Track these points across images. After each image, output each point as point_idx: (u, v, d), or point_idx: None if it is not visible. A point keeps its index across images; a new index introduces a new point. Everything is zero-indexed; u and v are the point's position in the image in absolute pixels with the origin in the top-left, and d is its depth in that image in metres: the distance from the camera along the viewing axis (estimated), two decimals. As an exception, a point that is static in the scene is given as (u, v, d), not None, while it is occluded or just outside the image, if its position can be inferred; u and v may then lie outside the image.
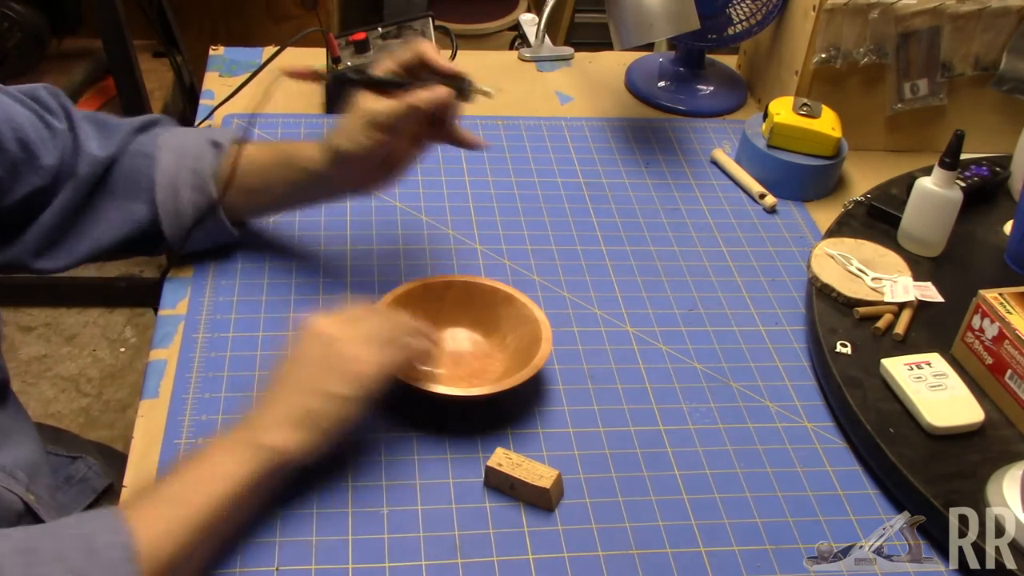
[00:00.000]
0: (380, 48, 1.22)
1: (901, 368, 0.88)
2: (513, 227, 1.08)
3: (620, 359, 0.94)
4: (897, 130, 1.25)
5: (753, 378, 0.93)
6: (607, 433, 0.86)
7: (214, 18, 2.16)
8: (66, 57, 1.92)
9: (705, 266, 1.06)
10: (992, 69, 1.21)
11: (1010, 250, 1.05)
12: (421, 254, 1.03)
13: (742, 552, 0.77)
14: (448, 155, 1.18)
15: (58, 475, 0.93)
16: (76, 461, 0.94)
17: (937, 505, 0.77)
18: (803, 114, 1.13)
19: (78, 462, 0.94)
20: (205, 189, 0.91)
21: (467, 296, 0.92)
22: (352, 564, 0.74)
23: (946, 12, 1.17)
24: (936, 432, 0.83)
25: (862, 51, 1.17)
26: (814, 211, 1.15)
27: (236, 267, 0.99)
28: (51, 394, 1.97)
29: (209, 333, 0.92)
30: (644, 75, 1.36)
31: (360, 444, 0.83)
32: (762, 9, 1.24)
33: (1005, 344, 0.86)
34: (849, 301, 0.97)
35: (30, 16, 1.76)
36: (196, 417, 0.84)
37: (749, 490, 0.82)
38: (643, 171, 1.19)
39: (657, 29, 1.12)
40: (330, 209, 1.07)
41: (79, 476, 0.94)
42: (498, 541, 0.76)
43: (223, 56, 1.34)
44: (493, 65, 1.39)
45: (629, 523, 0.79)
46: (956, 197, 1.01)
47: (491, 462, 0.79)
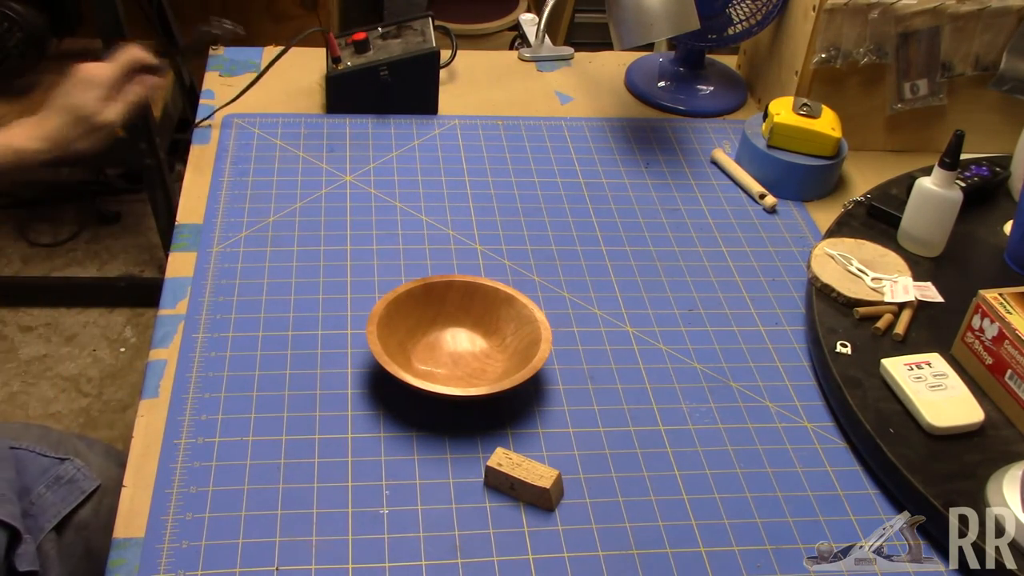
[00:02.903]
0: (380, 48, 1.22)
1: (901, 368, 0.88)
2: (513, 227, 1.08)
3: (620, 359, 0.94)
4: (897, 130, 1.25)
5: (753, 378, 0.93)
6: (607, 433, 0.86)
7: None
8: (66, 57, 1.91)
9: (705, 266, 1.06)
10: (992, 69, 1.21)
11: (1010, 250, 1.05)
12: (421, 254, 1.03)
13: (742, 552, 0.77)
14: (448, 155, 1.18)
15: (47, 475, 0.93)
16: (64, 462, 0.95)
17: (937, 505, 0.77)
18: (803, 114, 1.13)
19: (66, 463, 0.95)
20: None
21: (467, 296, 0.92)
22: (352, 564, 0.74)
23: (946, 12, 1.17)
24: (936, 432, 0.83)
25: (862, 51, 1.17)
26: (814, 211, 1.15)
27: (236, 267, 0.99)
28: (51, 394, 1.97)
29: (209, 333, 0.92)
30: (644, 75, 1.36)
31: (360, 444, 0.83)
32: (762, 9, 1.24)
33: (1005, 344, 0.86)
34: (849, 301, 0.97)
35: (30, 16, 1.76)
36: (196, 417, 0.84)
37: (749, 490, 0.82)
38: (643, 171, 1.19)
39: (657, 29, 1.12)
40: (330, 209, 1.07)
41: (67, 477, 0.94)
42: (498, 541, 0.76)
43: (223, 56, 1.34)
44: (493, 65, 1.39)
45: (629, 523, 0.79)
46: (956, 197, 1.01)
47: (491, 462, 0.79)
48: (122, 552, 0.74)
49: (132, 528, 0.75)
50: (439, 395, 0.82)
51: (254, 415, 0.84)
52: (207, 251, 1.01)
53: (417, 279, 0.92)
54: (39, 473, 0.93)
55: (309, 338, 0.92)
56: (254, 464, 0.80)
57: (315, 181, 1.12)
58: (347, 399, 0.87)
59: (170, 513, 0.76)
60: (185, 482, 0.79)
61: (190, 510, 0.77)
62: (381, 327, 0.86)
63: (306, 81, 1.29)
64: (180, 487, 0.78)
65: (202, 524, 0.76)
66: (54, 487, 0.93)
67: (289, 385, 0.87)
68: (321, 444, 0.83)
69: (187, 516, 0.76)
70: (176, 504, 0.77)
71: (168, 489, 0.78)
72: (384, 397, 0.87)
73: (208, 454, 0.81)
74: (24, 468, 0.93)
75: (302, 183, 1.11)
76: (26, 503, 0.90)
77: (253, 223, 1.05)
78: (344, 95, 1.22)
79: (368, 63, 1.20)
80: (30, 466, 0.93)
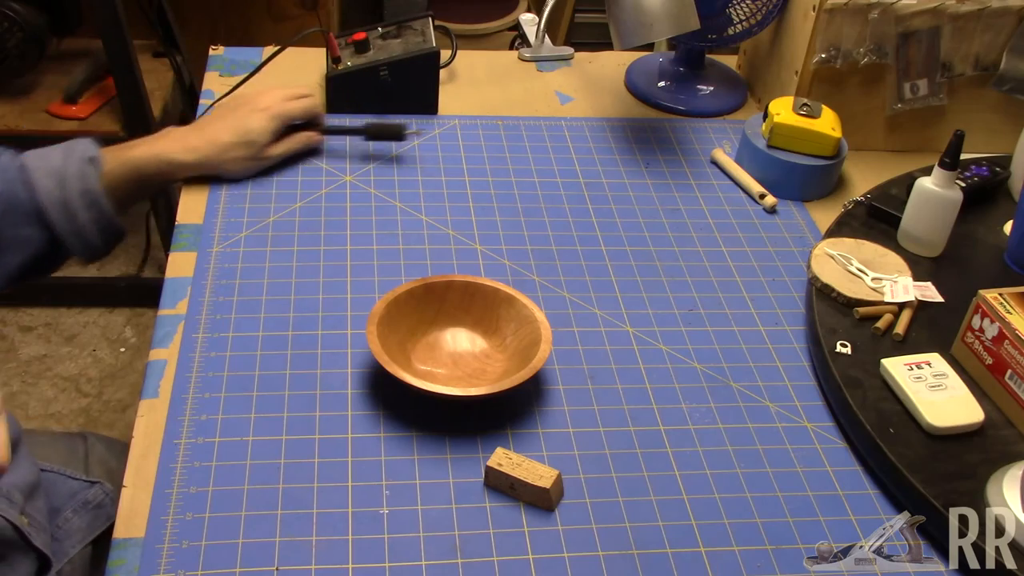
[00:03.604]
0: (380, 48, 1.22)
1: (901, 368, 0.88)
2: (513, 227, 1.08)
3: (620, 359, 0.94)
4: (897, 130, 1.25)
5: (753, 378, 0.93)
6: (607, 433, 0.86)
7: (214, 18, 2.16)
8: (66, 57, 1.92)
9: (705, 266, 1.06)
10: (992, 69, 1.21)
11: (1010, 250, 1.05)
12: (421, 254, 1.03)
13: (742, 552, 0.77)
14: (448, 155, 1.18)
15: (75, 499, 0.93)
16: (94, 486, 0.95)
17: (937, 505, 0.77)
18: (803, 114, 1.13)
19: (95, 487, 0.95)
20: (99, 205, 0.97)
21: (467, 296, 0.92)
22: (352, 564, 0.74)
23: (946, 12, 1.17)
24: (936, 432, 0.83)
25: (862, 51, 1.17)
26: (814, 211, 1.15)
27: (236, 267, 0.99)
28: (51, 394, 1.97)
29: (209, 333, 0.92)
30: (644, 75, 1.36)
31: (360, 444, 0.83)
32: (762, 9, 1.24)
33: (1005, 344, 0.86)
34: (849, 301, 0.97)
35: (30, 16, 1.76)
36: (196, 417, 0.84)
37: (749, 490, 0.82)
38: (643, 171, 1.19)
39: (657, 29, 1.12)
40: (330, 209, 1.07)
41: (96, 502, 0.94)
42: (498, 541, 0.76)
43: (223, 56, 1.34)
44: (493, 65, 1.39)
45: (629, 523, 0.79)
46: (956, 197, 1.01)
47: (491, 462, 0.79)
48: (122, 552, 0.74)
49: (132, 528, 0.75)
50: (439, 395, 0.82)
51: (254, 415, 0.84)
52: (207, 251, 1.01)
53: (417, 279, 0.92)
54: (67, 496, 0.93)
55: (309, 338, 0.92)
56: (254, 464, 0.80)
57: (315, 181, 1.12)
58: (347, 399, 0.87)
59: (170, 513, 0.76)
60: (185, 482, 0.79)
61: (190, 510, 0.76)
62: (381, 327, 0.86)
63: (306, 81, 1.29)
64: (180, 487, 0.78)
65: (202, 524, 0.76)
66: (81, 512, 0.93)
67: (289, 385, 0.87)
68: (321, 444, 0.83)
69: (187, 516, 0.76)
70: (176, 504, 0.77)
71: (168, 489, 0.78)
72: (384, 397, 0.87)
73: (208, 454, 0.81)
74: (53, 490, 0.92)
75: (302, 183, 1.11)
76: (53, 527, 0.89)
77: (253, 223, 1.05)
78: (344, 95, 1.22)
79: (368, 63, 1.20)
80: (59, 488, 0.93)
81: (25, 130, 1.82)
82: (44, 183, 0.94)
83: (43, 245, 0.96)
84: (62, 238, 0.95)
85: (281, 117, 1.08)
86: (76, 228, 0.96)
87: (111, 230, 0.99)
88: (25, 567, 0.79)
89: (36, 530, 0.80)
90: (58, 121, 1.84)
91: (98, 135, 1.05)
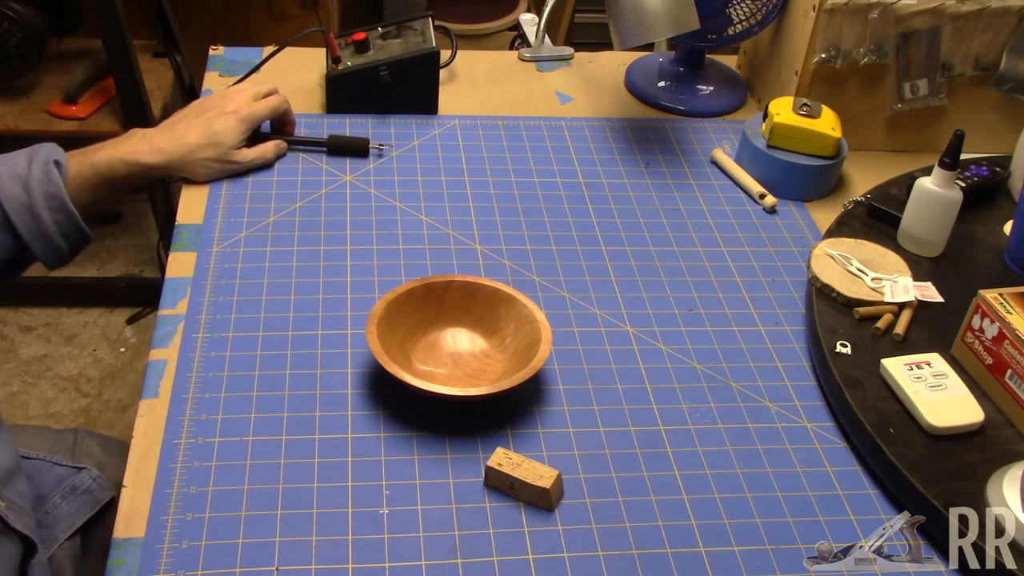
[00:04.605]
0: (380, 48, 1.22)
1: (901, 368, 0.88)
2: (513, 227, 1.08)
3: (620, 359, 0.94)
4: (897, 130, 1.25)
5: (753, 378, 0.93)
6: (607, 433, 0.86)
7: (214, 18, 2.16)
8: (66, 57, 1.92)
9: (705, 266, 1.06)
10: (992, 69, 1.21)
11: (1010, 250, 1.05)
12: (421, 254, 1.03)
13: (742, 552, 0.77)
14: (448, 155, 1.18)
15: (63, 485, 0.93)
16: (81, 472, 0.95)
17: (937, 505, 0.77)
18: (803, 114, 1.13)
19: (83, 473, 0.95)
20: (65, 208, 0.97)
21: (467, 296, 0.92)
22: (352, 564, 0.74)
23: (946, 12, 1.17)
24: (936, 432, 0.83)
25: (862, 51, 1.17)
26: (814, 211, 1.15)
27: (236, 267, 0.99)
28: (51, 394, 1.97)
29: (209, 333, 0.92)
30: (644, 75, 1.36)
31: (360, 444, 0.83)
32: (762, 9, 1.24)
33: (1005, 344, 0.86)
34: (849, 301, 0.97)
35: (30, 16, 1.76)
36: (196, 417, 0.84)
37: (749, 490, 0.82)
38: (643, 171, 1.19)
39: (657, 29, 1.12)
40: (330, 209, 1.07)
41: (83, 487, 0.94)
42: (498, 541, 0.76)
43: (223, 56, 1.34)
44: (493, 65, 1.39)
45: (629, 523, 0.79)
46: (956, 197, 1.01)
47: (491, 462, 0.79)
48: (122, 552, 0.74)
49: (132, 528, 0.75)
50: (439, 395, 0.82)
51: (254, 415, 0.84)
52: (207, 251, 1.01)
53: (417, 279, 0.92)
54: (55, 483, 0.93)
55: (309, 338, 0.92)
56: (254, 464, 0.80)
57: (315, 181, 1.12)
58: (347, 399, 0.87)
59: (170, 513, 0.76)
60: (185, 482, 0.79)
61: (190, 510, 0.76)
62: (381, 327, 0.86)
63: (306, 81, 1.29)
64: (180, 487, 0.78)
65: (202, 524, 0.76)
66: (69, 497, 0.92)
67: (289, 385, 0.87)
68: (321, 444, 0.83)
69: (187, 516, 0.76)
70: (176, 504, 0.77)
71: (168, 489, 0.78)
72: (384, 397, 0.87)
73: (208, 454, 0.81)
74: (39, 477, 0.92)
75: (302, 183, 1.11)
76: (41, 513, 0.89)
77: (253, 223, 1.05)
78: (344, 95, 1.22)
79: (368, 63, 1.20)
80: (45, 475, 0.93)
81: (25, 130, 1.82)
82: (8, 187, 0.94)
83: (9, 250, 0.96)
84: (27, 242, 0.95)
85: (249, 119, 1.09)
86: (41, 232, 0.96)
87: (76, 234, 0.99)
88: (8, 550, 0.78)
89: (16, 514, 0.79)
90: (58, 121, 1.84)
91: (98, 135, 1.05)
